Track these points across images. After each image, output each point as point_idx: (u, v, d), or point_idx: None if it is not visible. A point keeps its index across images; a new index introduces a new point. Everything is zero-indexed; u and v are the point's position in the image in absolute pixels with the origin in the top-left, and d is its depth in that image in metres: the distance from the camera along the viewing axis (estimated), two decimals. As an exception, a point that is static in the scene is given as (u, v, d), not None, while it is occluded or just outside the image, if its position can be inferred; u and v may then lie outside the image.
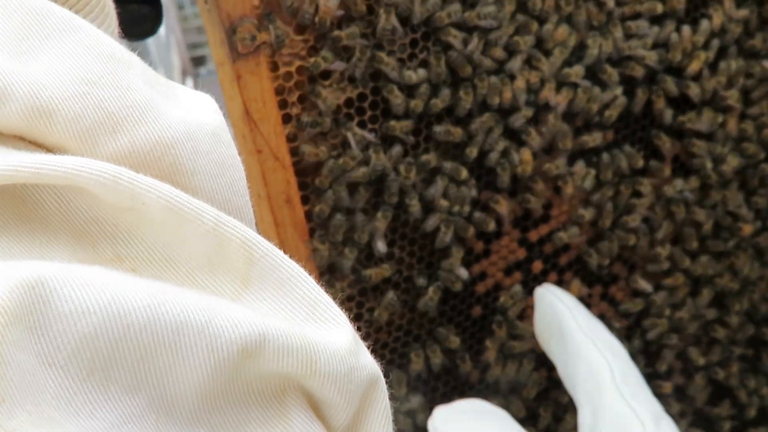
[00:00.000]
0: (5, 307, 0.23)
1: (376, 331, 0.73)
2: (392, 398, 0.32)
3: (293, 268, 0.29)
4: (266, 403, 0.28)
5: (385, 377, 0.31)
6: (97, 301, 0.24)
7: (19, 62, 0.28)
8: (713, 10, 0.74)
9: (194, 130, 0.31)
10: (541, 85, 0.70)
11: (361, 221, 0.68)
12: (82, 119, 0.28)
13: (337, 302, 0.30)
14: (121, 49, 0.31)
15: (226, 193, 0.32)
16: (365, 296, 0.72)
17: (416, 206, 0.69)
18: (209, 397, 0.27)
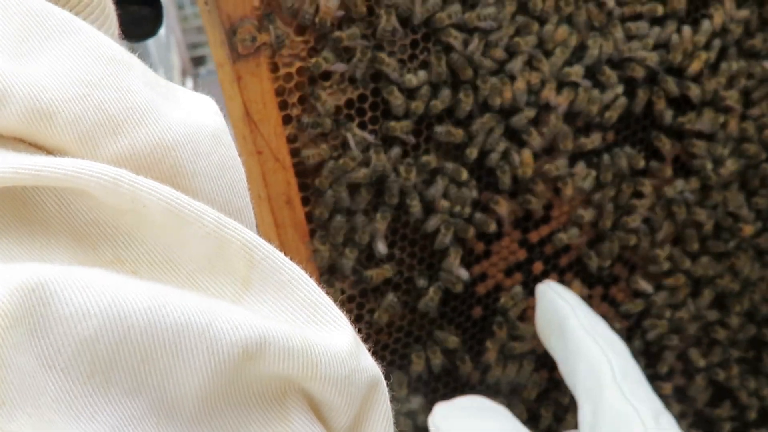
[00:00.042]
0: (5, 309, 0.22)
1: (376, 332, 0.73)
2: (393, 400, 0.32)
3: (294, 270, 0.29)
4: (267, 405, 0.28)
5: (385, 379, 0.31)
6: (97, 303, 0.24)
7: (19, 64, 0.28)
8: (714, 9, 0.74)
9: (195, 131, 0.31)
10: (541, 85, 0.70)
11: (361, 222, 0.68)
12: (82, 121, 0.28)
13: (337, 303, 0.30)
14: (121, 50, 0.31)
15: (226, 194, 0.32)
16: (366, 297, 0.72)
17: (417, 207, 0.69)
18: (210, 399, 0.27)
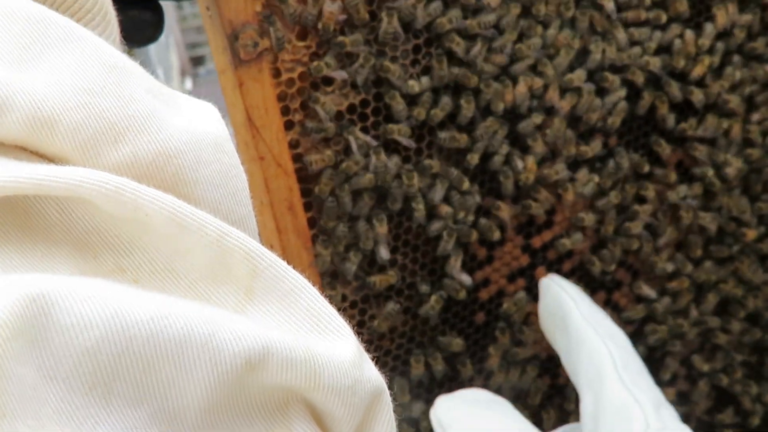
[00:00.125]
0: (6, 320, 0.22)
1: (378, 338, 0.73)
2: (396, 407, 0.32)
3: (297, 279, 0.29)
4: (269, 415, 0.28)
5: (388, 387, 0.31)
6: (99, 314, 0.24)
7: (20, 72, 0.28)
8: (717, 9, 0.74)
9: (197, 139, 0.31)
10: (544, 90, 0.70)
11: (364, 229, 0.68)
12: (83, 129, 0.28)
13: (340, 312, 0.30)
14: (122, 57, 0.31)
15: (229, 203, 0.31)
16: (368, 303, 0.72)
17: (422, 212, 0.69)
18: (212, 409, 0.27)
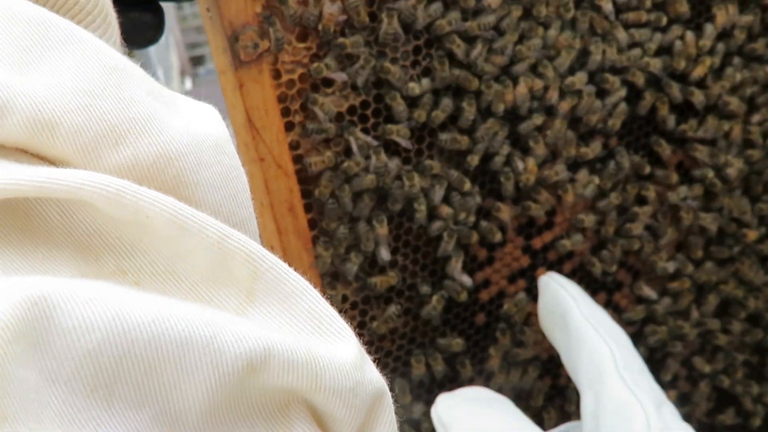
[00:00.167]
0: (8, 323, 0.22)
1: (379, 339, 0.73)
2: (397, 408, 0.32)
3: (298, 281, 0.29)
4: (271, 417, 0.28)
5: (389, 389, 0.31)
6: (100, 316, 0.24)
7: (21, 74, 0.28)
8: (717, 9, 0.74)
9: (197, 141, 0.31)
10: (544, 91, 0.70)
11: (364, 230, 0.68)
12: (84, 132, 0.28)
13: (340, 312, 0.30)
14: (123, 59, 0.31)
15: (230, 205, 0.31)
16: (369, 304, 0.72)
17: (423, 212, 0.69)
18: (213, 411, 0.27)
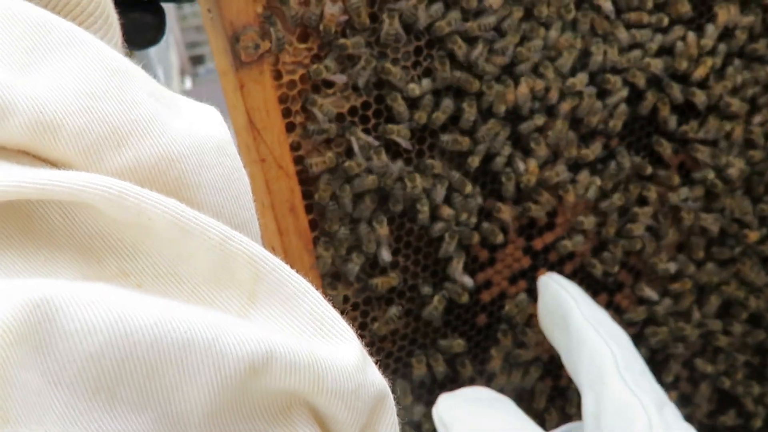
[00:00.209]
0: (10, 326, 0.22)
1: (380, 340, 0.73)
2: (399, 410, 0.32)
3: (300, 283, 0.29)
4: (273, 419, 0.28)
5: (391, 390, 0.31)
6: (103, 319, 0.24)
7: (22, 76, 0.28)
8: (718, 8, 0.74)
9: (199, 143, 0.31)
10: (546, 92, 0.70)
11: (365, 231, 0.68)
12: (86, 134, 0.28)
13: (341, 313, 0.30)
14: (125, 61, 0.31)
15: (231, 206, 0.31)
16: (370, 305, 0.72)
17: (426, 213, 0.69)
18: (216, 414, 0.27)
